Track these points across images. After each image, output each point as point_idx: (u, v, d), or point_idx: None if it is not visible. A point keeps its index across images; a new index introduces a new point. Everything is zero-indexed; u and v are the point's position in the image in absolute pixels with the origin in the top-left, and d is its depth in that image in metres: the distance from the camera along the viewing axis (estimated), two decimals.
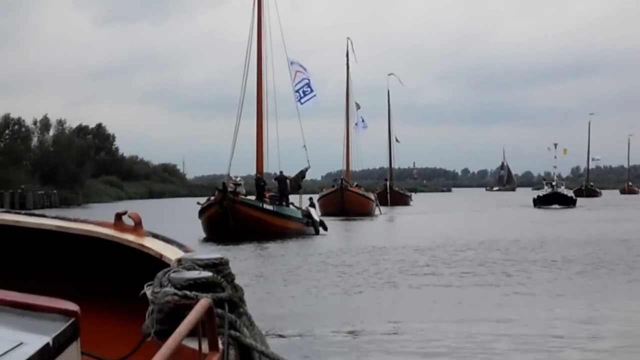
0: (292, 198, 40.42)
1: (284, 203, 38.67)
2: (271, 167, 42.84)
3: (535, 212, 62.21)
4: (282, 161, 41.78)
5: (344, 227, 44.85)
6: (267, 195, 38.55)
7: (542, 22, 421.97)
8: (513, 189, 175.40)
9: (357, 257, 24.85)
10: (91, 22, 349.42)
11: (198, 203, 37.10)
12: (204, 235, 34.43)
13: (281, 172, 40.56)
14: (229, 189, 34.95)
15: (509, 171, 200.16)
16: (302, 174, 42.65)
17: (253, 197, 38.10)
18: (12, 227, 4.34)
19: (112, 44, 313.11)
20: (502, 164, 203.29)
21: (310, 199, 42.07)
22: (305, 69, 44.79)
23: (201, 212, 36.05)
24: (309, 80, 44.35)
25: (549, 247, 27.44)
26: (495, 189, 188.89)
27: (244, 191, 37.46)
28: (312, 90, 44.26)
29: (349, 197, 57.77)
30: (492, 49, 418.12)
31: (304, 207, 39.78)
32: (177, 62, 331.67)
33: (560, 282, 18.60)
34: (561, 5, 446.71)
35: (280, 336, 12.02)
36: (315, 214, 39.39)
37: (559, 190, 76.34)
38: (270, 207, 36.64)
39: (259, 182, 39.29)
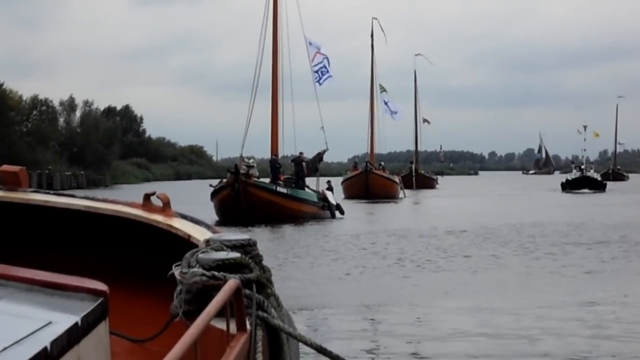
0: (310, 181, 39.77)
1: (299, 186, 38.12)
2: (289, 150, 42.55)
3: (565, 197, 61.57)
4: (301, 144, 41.30)
5: (365, 210, 44.47)
6: (282, 177, 38.12)
7: (579, 4, 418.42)
8: (549, 172, 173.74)
9: (374, 240, 24.51)
10: (127, 3, 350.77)
11: (210, 185, 36.62)
12: (216, 218, 33.66)
13: (300, 154, 40.05)
14: (242, 171, 34.42)
15: (546, 154, 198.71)
16: (319, 156, 41.98)
17: (268, 180, 37.68)
18: (42, 207, 4.36)
19: (147, 25, 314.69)
20: (540, 147, 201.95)
21: (328, 182, 41.23)
22: (322, 53, 44.48)
23: (213, 195, 35.40)
24: (327, 60, 44.05)
25: (584, 231, 27.05)
26: (531, 172, 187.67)
27: (257, 173, 36.70)
28: (328, 71, 43.96)
29: (373, 180, 57.59)
30: (527, 32, 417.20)
31: (320, 190, 39.18)
32: (211, 44, 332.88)
33: (596, 266, 18.38)
34: None
35: (302, 318, 12.03)
36: (332, 197, 38.58)
37: (588, 174, 75.15)
38: (283, 190, 35.92)
39: (274, 164, 38.77)
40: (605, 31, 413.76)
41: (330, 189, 39.84)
